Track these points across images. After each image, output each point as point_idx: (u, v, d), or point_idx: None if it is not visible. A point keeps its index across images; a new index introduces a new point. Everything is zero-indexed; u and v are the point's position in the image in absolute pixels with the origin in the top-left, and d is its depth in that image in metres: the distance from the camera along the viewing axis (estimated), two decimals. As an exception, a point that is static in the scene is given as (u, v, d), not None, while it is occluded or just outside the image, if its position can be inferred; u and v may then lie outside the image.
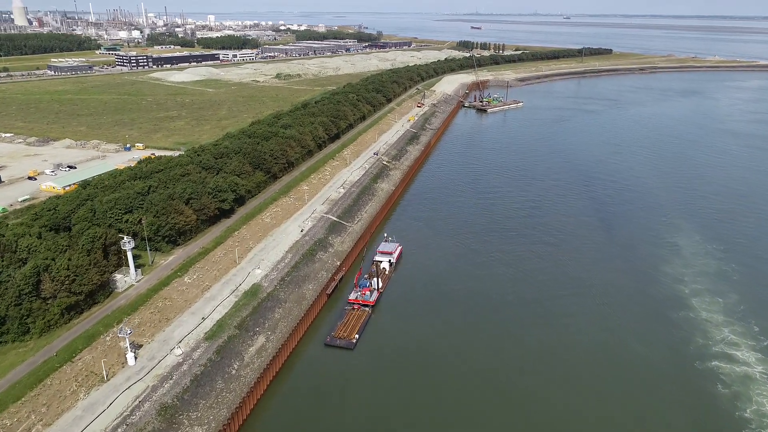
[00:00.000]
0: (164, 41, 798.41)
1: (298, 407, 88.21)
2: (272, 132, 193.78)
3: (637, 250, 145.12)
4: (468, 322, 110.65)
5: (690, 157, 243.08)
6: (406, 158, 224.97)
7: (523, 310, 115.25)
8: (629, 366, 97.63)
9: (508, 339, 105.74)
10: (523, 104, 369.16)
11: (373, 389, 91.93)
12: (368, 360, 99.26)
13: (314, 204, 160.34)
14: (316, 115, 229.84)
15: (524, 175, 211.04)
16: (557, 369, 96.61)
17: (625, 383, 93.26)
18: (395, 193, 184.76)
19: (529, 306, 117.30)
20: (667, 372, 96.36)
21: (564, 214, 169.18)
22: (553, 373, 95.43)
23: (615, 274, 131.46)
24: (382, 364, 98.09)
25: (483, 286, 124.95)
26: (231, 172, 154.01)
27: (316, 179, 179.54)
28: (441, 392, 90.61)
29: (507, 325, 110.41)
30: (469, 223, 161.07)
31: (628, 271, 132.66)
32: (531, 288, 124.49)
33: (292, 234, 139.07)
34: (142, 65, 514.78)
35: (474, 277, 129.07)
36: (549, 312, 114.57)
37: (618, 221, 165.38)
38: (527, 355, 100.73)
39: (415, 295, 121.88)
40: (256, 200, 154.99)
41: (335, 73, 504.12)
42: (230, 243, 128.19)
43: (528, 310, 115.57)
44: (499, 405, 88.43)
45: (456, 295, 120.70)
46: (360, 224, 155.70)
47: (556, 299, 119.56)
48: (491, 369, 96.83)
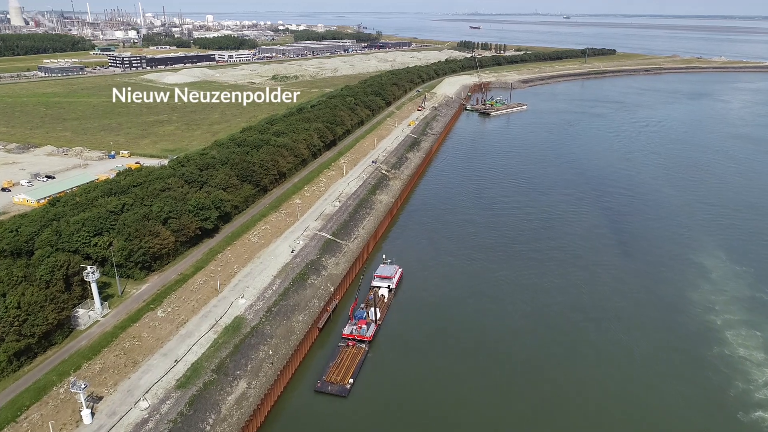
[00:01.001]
0: (160, 41, 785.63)
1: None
2: (263, 140, 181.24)
3: (659, 272, 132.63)
4: (476, 362, 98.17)
5: (705, 164, 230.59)
6: (406, 166, 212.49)
7: (536, 347, 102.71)
8: (661, 419, 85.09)
9: (520, 383, 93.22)
10: (527, 107, 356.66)
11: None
12: (364, 409, 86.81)
13: (307, 220, 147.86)
14: (311, 120, 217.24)
15: (532, 185, 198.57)
16: (575, 420, 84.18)
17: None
18: (395, 206, 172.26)
19: (542, 341, 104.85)
20: (707, 427, 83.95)
21: (577, 231, 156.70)
22: (570, 426, 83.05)
23: (637, 302, 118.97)
24: (380, 416, 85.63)
25: (492, 317, 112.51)
26: (216, 185, 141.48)
27: (309, 191, 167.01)
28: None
29: (519, 365, 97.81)
30: (475, 241, 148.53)
31: (651, 299, 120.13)
32: (544, 319, 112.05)
33: (281, 255, 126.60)
34: (135, 66, 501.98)
35: (482, 306, 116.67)
36: (565, 349, 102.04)
37: (635, 238, 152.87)
38: (541, 404, 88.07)
39: (416, 328, 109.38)
40: (244, 216, 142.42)
41: (333, 74, 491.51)
42: (212, 268, 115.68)
43: (542, 347, 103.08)
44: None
45: (462, 328, 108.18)
46: (357, 242, 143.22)
47: (572, 333, 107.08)
48: (500, 419, 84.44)
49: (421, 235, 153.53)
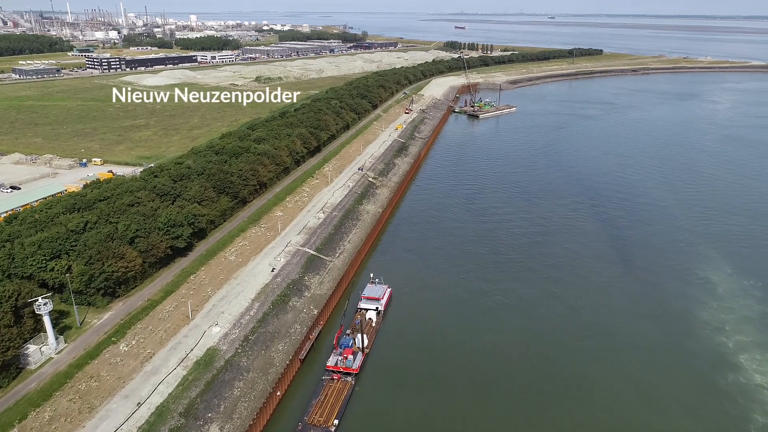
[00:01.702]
0: (141, 42, 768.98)
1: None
2: (243, 147, 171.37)
3: (663, 288, 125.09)
4: (471, 392, 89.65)
5: (701, 169, 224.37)
6: (394, 173, 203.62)
7: (536, 379, 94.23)
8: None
9: (519, 414, 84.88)
10: (516, 109, 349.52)
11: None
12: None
13: (289, 234, 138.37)
14: (295, 125, 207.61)
15: (525, 193, 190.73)
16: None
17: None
18: (383, 216, 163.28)
19: (541, 366, 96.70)
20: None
21: (574, 242, 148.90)
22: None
23: (642, 321, 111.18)
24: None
25: (487, 341, 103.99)
26: (191, 199, 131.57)
27: (292, 202, 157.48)
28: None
29: (517, 393, 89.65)
30: (468, 255, 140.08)
31: (657, 318, 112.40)
32: (543, 342, 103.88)
33: (261, 275, 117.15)
34: (114, 68, 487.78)
35: (476, 328, 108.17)
36: (567, 379, 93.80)
37: (636, 251, 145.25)
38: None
39: (407, 357, 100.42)
40: (220, 232, 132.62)
41: (318, 75, 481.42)
42: (183, 291, 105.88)
43: (541, 372, 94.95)
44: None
45: (456, 357, 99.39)
46: (342, 258, 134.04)
47: (574, 361, 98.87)
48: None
49: (410, 248, 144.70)
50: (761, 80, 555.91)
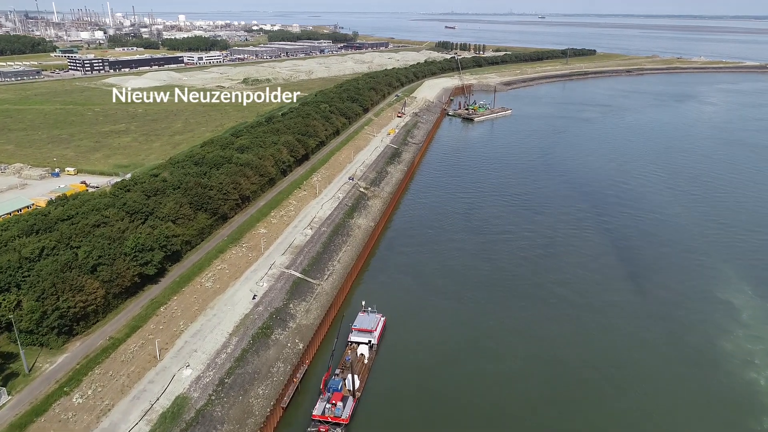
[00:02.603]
0: (127, 42, 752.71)
1: None
2: (225, 157, 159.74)
3: (680, 312, 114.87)
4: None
5: (705, 175, 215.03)
6: (386, 182, 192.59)
7: (546, 414, 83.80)
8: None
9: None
10: (512, 112, 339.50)
11: None
12: None
13: (273, 254, 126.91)
14: (281, 132, 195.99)
15: (525, 203, 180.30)
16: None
17: None
18: (375, 231, 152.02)
19: (554, 409, 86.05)
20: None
21: (580, 261, 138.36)
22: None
23: (660, 353, 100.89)
24: None
25: (492, 380, 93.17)
26: (165, 217, 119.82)
27: (277, 217, 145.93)
28: None
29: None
30: (467, 276, 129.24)
31: (676, 351, 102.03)
32: (552, 382, 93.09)
33: (240, 303, 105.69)
34: (97, 69, 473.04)
35: (480, 361, 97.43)
36: (580, 415, 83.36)
37: (646, 269, 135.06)
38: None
39: (404, 398, 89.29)
40: (197, 253, 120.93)
41: (308, 76, 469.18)
42: (152, 326, 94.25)
43: (553, 413, 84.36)
44: None
45: (457, 397, 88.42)
46: (331, 281, 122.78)
47: (586, 391, 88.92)
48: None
49: (405, 268, 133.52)
50: (755, 81, 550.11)
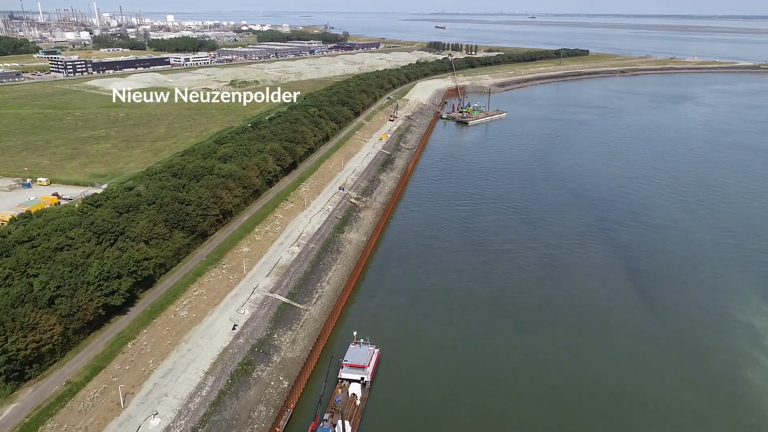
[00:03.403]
0: (113, 43, 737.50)
1: None
2: (206, 168, 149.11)
3: (700, 340, 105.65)
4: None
5: (711, 181, 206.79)
6: (379, 192, 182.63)
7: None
8: None
9: None
10: (507, 114, 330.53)
11: None
12: None
13: (256, 276, 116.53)
14: (267, 139, 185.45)
15: (525, 214, 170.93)
16: None
17: None
18: (367, 247, 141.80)
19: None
20: None
21: (588, 278, 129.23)
22: None
23: (684, 392, 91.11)
24: None
25: (499, 422, 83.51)
26: (137, 237, 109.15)
27: (261, 234, 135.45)
28: None
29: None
30: (468, 297, 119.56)
31: (701, 386, 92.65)
32: (564, 416, 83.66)
33: (219, 335, 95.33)
34: (80, 71, 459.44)
35: (483, 398, 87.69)
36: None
37: (659, 288, 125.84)
38: None
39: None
40: (172, 277, 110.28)
41: (297, 78, 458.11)
42: (117, 367, 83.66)
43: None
44: None
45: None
46: (320, 305, 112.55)
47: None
48: None
49: (400, 289, 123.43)
50: (749, 81, 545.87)
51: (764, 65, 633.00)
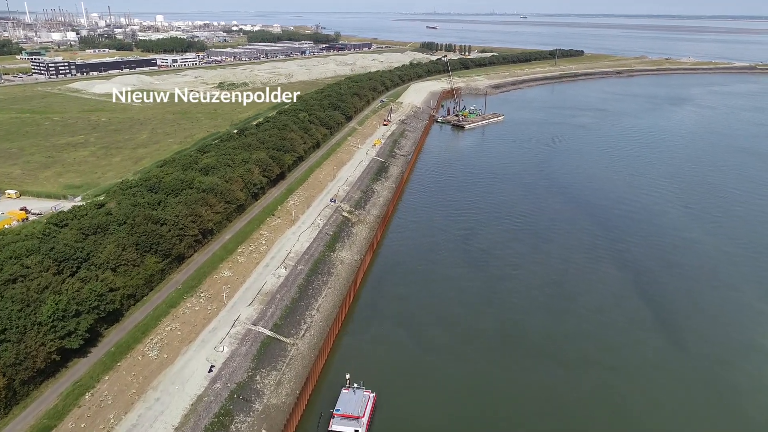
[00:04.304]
0: (99, 44, 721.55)
1: None
2: (186, 181, 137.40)
3: (729, 375, 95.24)
4: None
5: (721, 190, 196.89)
6: (373, 203, 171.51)
7: None
8: None
9: None
10: (504, 118, 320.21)
11: None
12: None
13: (238, 305, 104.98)
14: (254, 147, 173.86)
15: (529, 227, 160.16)
16: None
17: None
18: (362, 267, 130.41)
19: None
20: None
21: (600, 303, 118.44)
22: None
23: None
24: None
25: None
26: (102, 264, 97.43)
27: (245, 255, 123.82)
28: None
29: None
30: (471, 328, 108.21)
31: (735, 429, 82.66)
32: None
33: (193, 378, 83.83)
34: (63, 73, 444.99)
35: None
36: None
37: (678, 312, 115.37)
38: None
39: None
40: (142, 309, 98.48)
41: (288, 80, 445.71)
42: (70, 426, 71.68)
43: None
44: None
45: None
46: (309, 338, 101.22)
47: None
48: None
49: (396, 318, 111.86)
50: (747, 82, 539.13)
51: (760, 66, 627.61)
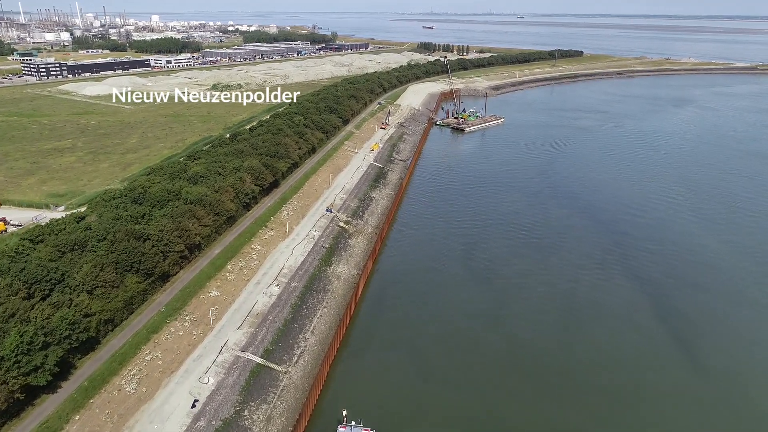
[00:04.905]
0: (92, 44, 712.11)
1: None
2: (172, 191, 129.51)
3: (760, 409, 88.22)
4: None
5: (735, 198, 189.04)
6: (371, 212, 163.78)
7: None
8: None
9: None
10: (504, 120, 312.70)
11: None
12: None
13: (226, 328, 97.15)
14: (246, 154, 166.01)
15: (535, 240, 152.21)
16: None
17: None
18: (359, 283, 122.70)
19: None
20: None
21: (615, 324, 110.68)
22: None
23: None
24: None
25: None
26: (78, 286, 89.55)
27: (234, 271, 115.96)
28: None
29: None
30: (476, 352, 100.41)
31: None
32: None
33: (174, 416, 76.07)
34: (53, 74, 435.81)
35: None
36: None
37: (700, 336, 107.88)
38: None
39: None
40: (121, 335, 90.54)
41: (283, 81, 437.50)
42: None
43: None
44: None
45: None
46: (302, 365, 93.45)
47: None
48: None
49: (396, 342, 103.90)
50: (748, 83, 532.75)
51: (761, 66, 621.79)
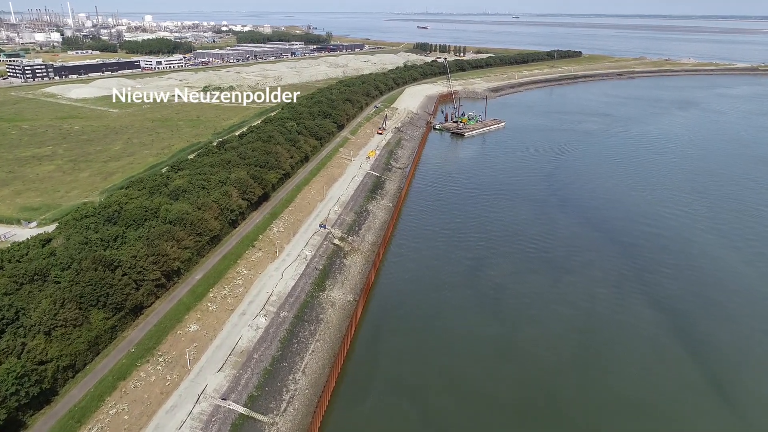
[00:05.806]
0: (82, 45, 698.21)
1: None
2: (150, 209, 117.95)
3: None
4: None
5: (753, 210, 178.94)
6: (368, 227, 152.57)
7: None
8: None
9: None
10: (505, 124, 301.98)
11: None
12: None
13: (205, 370, 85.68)
14: (233, 164, 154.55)
15: (545, 256, 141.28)
16: None
17: None
18: (356, 311, 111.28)
19: None
20: None
21: (639, 356, 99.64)
22: None
23: None
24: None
25: None
26: (33, 327, 78.03)
27: (217, 300, 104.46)
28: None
29: None
30: (488, 395, 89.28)
31: None
32: None
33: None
34: (40, 76, 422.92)
35: None
36: None
37: (732, 368, 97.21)
38: None
39: None
40: (83, 383, 78.88)
41: (277, 83, 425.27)
42: None
43: None
44: None
45: None
46: (292, 412, 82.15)
47: None
48: None
49: (398, 382, 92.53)
50: (751, 84, 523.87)
51: (762, 67, 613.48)
